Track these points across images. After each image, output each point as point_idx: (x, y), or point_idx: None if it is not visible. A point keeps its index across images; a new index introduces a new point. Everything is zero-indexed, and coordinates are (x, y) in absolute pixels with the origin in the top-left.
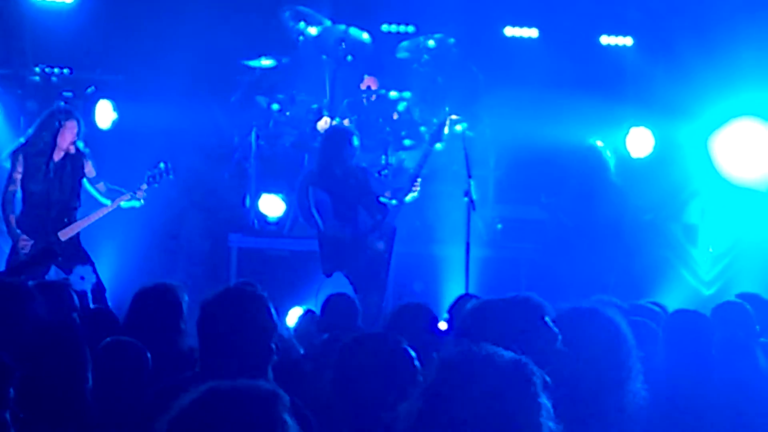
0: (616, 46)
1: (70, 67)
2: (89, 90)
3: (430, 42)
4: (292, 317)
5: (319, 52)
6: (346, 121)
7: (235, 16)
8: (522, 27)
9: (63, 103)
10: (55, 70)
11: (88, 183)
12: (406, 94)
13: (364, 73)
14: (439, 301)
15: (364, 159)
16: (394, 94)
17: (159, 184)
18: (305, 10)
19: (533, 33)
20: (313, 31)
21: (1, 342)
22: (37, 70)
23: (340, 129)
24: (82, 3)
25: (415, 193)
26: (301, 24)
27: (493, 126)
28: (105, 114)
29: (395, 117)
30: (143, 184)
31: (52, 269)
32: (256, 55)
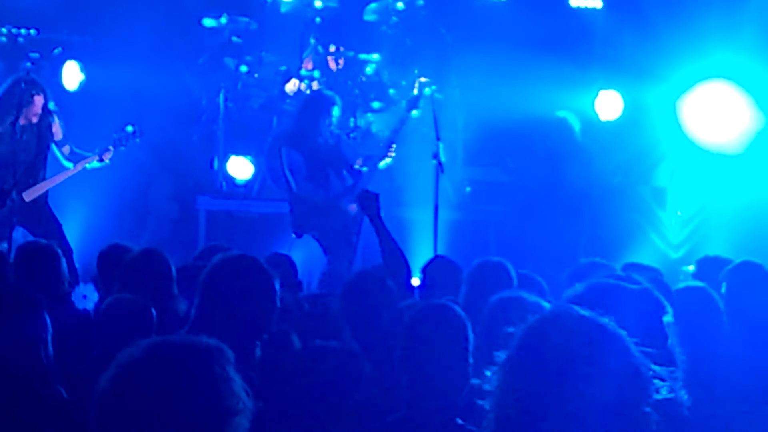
0: (586, 8)
1: (37, 28)
2: (56, 51)
3: (399, 4)
4: None
5: (287, 14)
6: (315, 83)
7: None
8: None
9: (29, 64)
10: (22, 31)
11: (54, 145)
12: (374, 57)
13: (330, 43)
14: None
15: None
16: (363, 57)
17: (126, 147)
18: None
19: None
20: None
21: None
22: (3, 30)
23: (323, 95)
24: None
25: (389, 159)
26: None
27: (462, 88)
28: (72, 75)
29: (363, 79)
30: (110, 146)
31: (19, 231)
32: (218, 15)
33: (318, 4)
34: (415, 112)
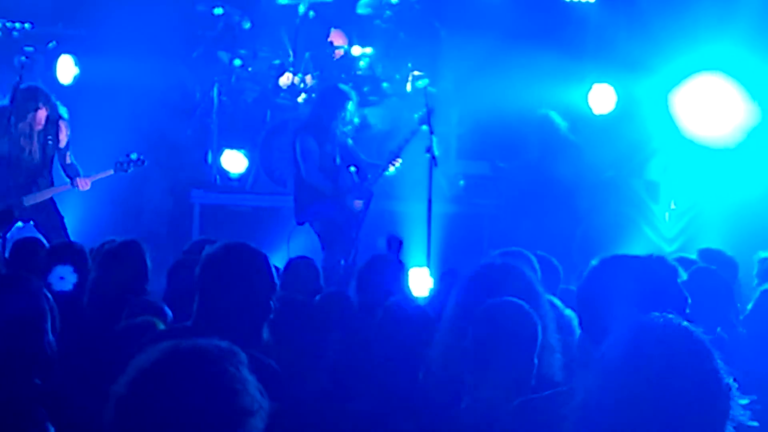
0: (579, 2)
1: (31, 22)
2: (51, 45)
3: None
4: None
5: (281, 8)
6: (308, 77)
7: None
8: None
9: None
10: (17, 25)
11: (57, 153)
12: (368, 50)
13: (330, 27)
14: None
15: None
16: (356, 50)
17: (126, 172)
18: None
19: None
20: None
21: None
22: None
23: (340, 90)
24: None
25: (392, 169)
26: None
27: (456, 82)
28: (67, 69)
29: (357, 73)
30: (110, 170)
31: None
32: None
33: None
34: (425, 127)
